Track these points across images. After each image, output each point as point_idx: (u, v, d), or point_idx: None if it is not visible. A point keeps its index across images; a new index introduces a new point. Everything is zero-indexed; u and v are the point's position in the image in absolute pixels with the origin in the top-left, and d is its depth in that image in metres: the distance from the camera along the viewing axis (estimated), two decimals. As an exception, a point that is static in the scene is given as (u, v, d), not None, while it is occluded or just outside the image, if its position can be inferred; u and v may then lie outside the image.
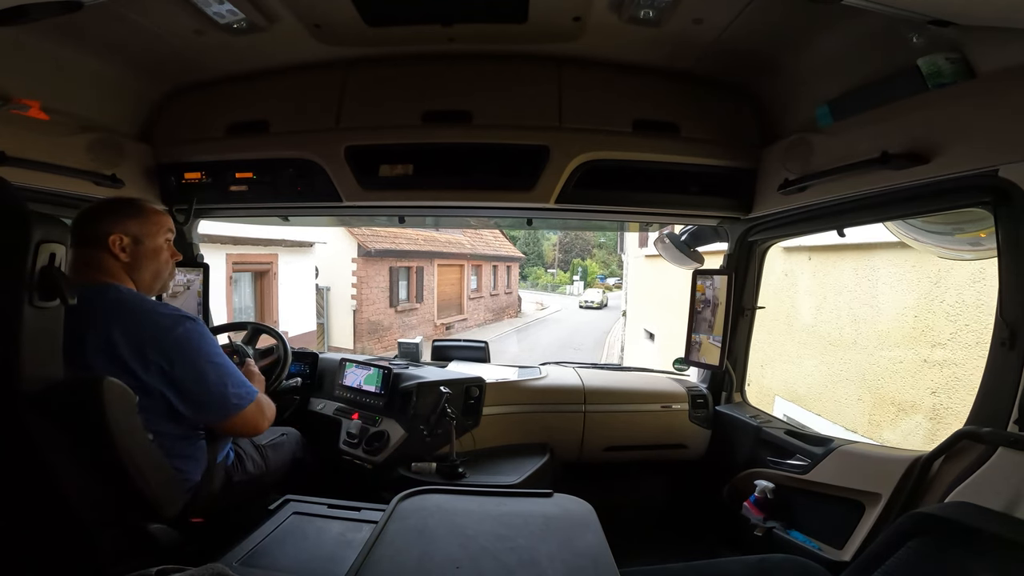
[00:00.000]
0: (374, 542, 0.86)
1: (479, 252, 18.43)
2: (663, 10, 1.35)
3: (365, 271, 12.19)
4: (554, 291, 36.72)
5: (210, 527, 1.21)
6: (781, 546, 1.55)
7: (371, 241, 12.21)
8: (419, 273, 14.61)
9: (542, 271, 42.08)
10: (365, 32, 1.53)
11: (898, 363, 2.94)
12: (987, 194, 1.09)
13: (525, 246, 37.09)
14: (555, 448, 2.04)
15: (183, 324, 1.12)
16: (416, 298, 14.55)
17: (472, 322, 17.62)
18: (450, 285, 16.59)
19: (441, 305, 15.90)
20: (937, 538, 0.92)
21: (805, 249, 3.84)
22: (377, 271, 12.72)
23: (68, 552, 0.95)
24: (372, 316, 12.53)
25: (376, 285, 12.72)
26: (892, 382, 2.98)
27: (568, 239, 42.57)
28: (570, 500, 1.05)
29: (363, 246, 11.98)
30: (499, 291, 20.94)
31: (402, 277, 13.85)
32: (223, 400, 1.17)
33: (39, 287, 0.82)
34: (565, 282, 38.69)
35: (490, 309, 19.74)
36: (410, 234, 14.07)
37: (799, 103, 1.57)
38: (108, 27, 1.41)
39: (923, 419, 2.67)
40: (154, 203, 1.33)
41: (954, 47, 1.09)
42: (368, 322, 12.37)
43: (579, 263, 40.85)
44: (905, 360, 2.90)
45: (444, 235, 15.94)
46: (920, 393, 2.74)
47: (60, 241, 0.84)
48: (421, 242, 14.58)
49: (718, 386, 2.17)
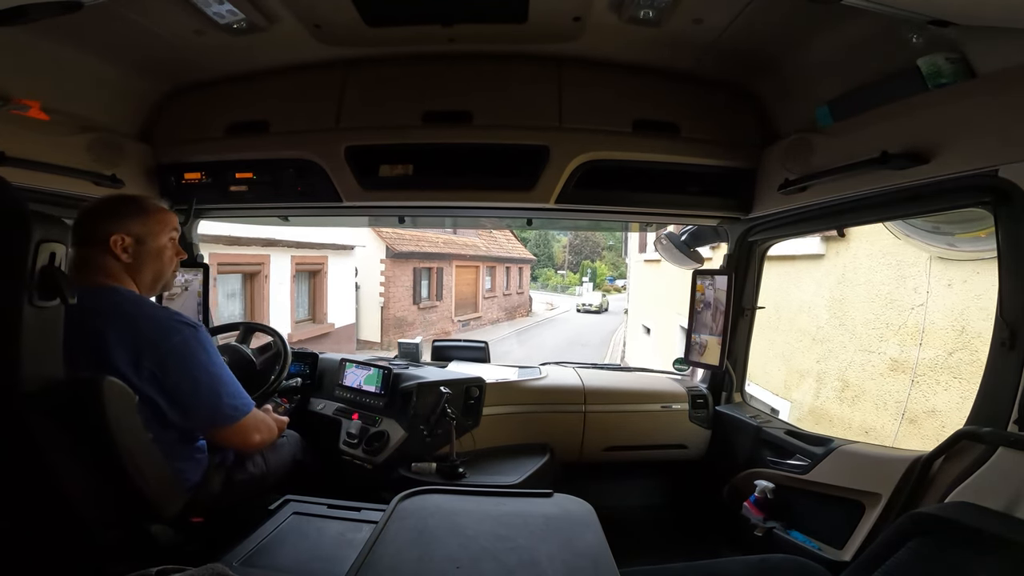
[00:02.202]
0: (374, 542, 0.86)
1: (493, 254, 19.48)
2: (663, 10, 1.35)
3: (392, 271, 13.31)
4: (563, 292, 37.36)
5: (210, 527, 1.20)
6: (781, 546, 1.55)
7: (398, 244, 13.25)
8: (439, 273, 15.69)
9: (552, 272, 42.85)
10: (365, 32, 1.53)
11: (798, 342, 4.06)
12: (987, 194, 1.09)
13: (536, 248, 37.99)
14: (555, 448, 2.04)
15: (182, 332, 1.10)
16: (436, 296, 15.63)
17: (486, 320, 18.61)
18: (466, 285, 17.65)
19: (458, 303, 16.91)
20: (937, 538, 0.92)
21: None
22: (402, 271, 13.78)
23: (68, 552, 0.95)
24: (398, 312, 13.56)
25: (401, 284, 13.76)
26: (796, 357, 4.08)
27: (578, 241, 43.11)
28: (570, 500, 1.04)
29: (391, 248, 13.03)
30: (511, 291, 22.18)
31: (424, 277, 14.95)
32: (215, 410, 1.14)
33: (39, 287, 0.81)
34: (575, 283, 39.27)
35: (503, 308, 20.79)
36: (431, 237, 15.08)
37: (799, 103, 1.57)
38: (108, 27, 1.40)
39: (813, 381, 3.86)
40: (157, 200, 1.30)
41: (954, 47, 1.09)
42: (394, 318, 13.38)
43: (588, 265, 41.30)
44: (803, 340, 4.00)
45: (462, 238, 17.02)
46: (810, 363, 3.90)
47: (60, 241, 0.84)
48: (441, 245, 15.64)
49: (718, 386, 2.17)
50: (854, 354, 3.48)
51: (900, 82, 1.20)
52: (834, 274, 3.71)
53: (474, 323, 17.54)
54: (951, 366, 2.72)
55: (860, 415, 3.36)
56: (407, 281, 13.98)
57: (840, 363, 3.61)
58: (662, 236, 2.36)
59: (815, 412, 3.75)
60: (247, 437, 1.22)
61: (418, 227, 13.51)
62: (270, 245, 8.10)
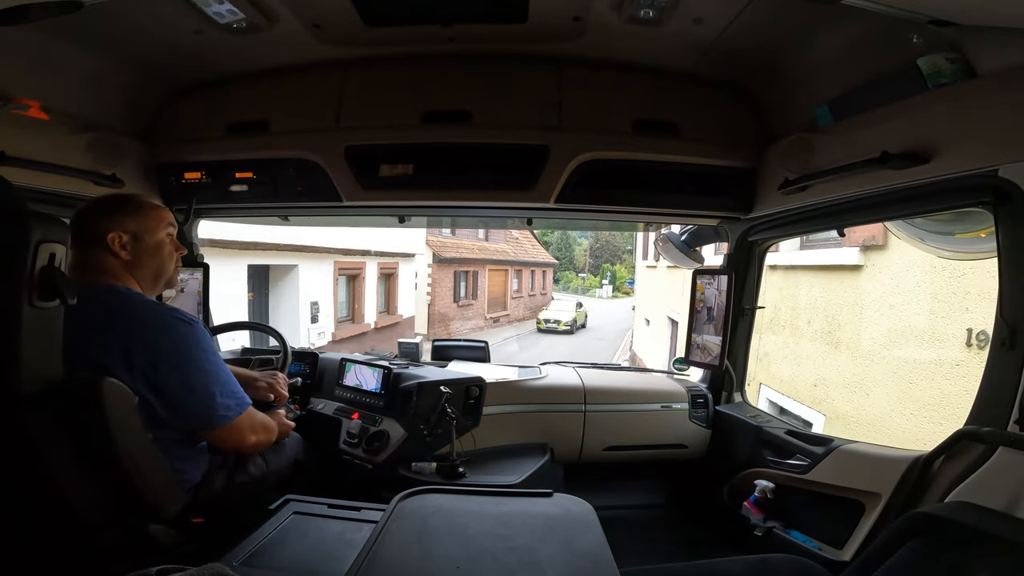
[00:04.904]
0: (374, 542, 0.86)
1: (520, 259, 22.51)
2: (663, 10, 1.35)
3: (437, 274, 15.66)
4: (584, 294, 37.91)
5: (210, 527, 1.20)
6: (781, 546, 1.55)
7: (442, 251, 15.78)
8: (474, 276, 18.31)
9: (573, 275, 44.11)
10: (365, 32, 1.53)
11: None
12: (987, 194, 1.09)
13: (558, 251, 39.68)
14: (555, 448, 2.04)
15: (177, 328, 1.09)
16: (472, 296, 18.21)
17: (513, 317, 21.14)
18: (497, 286, 20.24)
19: (490, 302, 19.38)
20: (937, 538, 0.92)
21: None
22: (445, 274, 16.22)
23: (68, 552, 0.95)
24: (441, 309, 16.02)
25: (444, 285, 16.21)
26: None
27: (599, 244, 44.29)
28: (570, 500, 1.04)
29: (437, 255, 15.43)
30: (536, 292, 24.96)
31: (462, 279, 17.51)
32: (209, 410, 1.12)
33: (39, 287, 0.81)
34: (595, 285, 40.58)
35: (528, 307, 23.43)
36: (468, 244, 17.74)
37: (799, 103, 1.57)
38: (108, 27, 1.40)
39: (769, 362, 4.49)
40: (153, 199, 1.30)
41: (954, 47, 1.09)
42: (438, 313, 15.83)
43: (608, 268, 42.22)
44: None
45: (493, 244, 19.79)
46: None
47: (60, 241, 0.84)
48: (476, 251, 18.21)
49: (718, 386, 2.17)
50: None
51: (900, 82, 1.20)
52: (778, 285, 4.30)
53: (503, 319, 19.89)
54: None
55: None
56: (449, 283, 16.42)
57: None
58: (662, 236, 2.36)
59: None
60: (242, 438, 1.21)
61: (422, 227, 14.17)
62: (365, 255, 10.69)
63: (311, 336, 8.72)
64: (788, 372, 4.42)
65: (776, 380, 4.57)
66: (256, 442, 1.25)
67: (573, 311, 19.82)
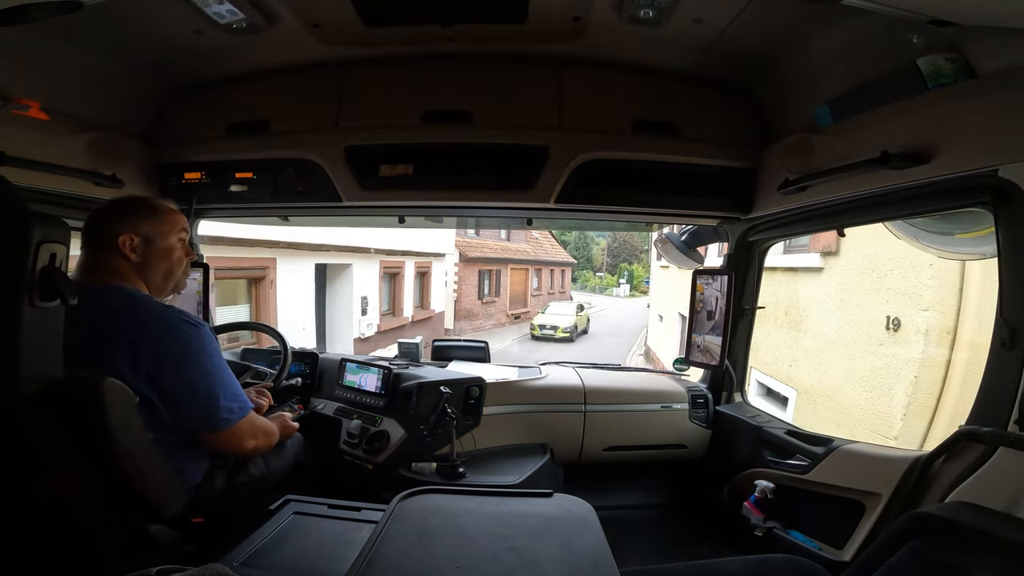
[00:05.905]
0: (375, 542, 0.86)
1: (540, 258, 23.61)
2: (663, 10, 1.35)
3: (463, 272, 16.39)
4: (601, 293, 38.52)
5: (211, 527, 1.20)
6: (781, 546, 1.55)
7: (468, 251, 16.47)
8: (497, 275, 19.25)
9: (591, 274, 44.87)
10: (364, 32, 1.53)
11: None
12: (987, 194, 1.09)
13: (575, 251, 40.22)
14: (555, 448, 2.04)
15: (183, 331, 1.10)
16: (495, 293, 19.14)
17: (533, 314, 21.36)
18: (518, 284, 21.40)
19: (512, 300, 20.47)
20: (937, 538, 0.92)
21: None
22: (470, 273, 16.94)
23: (68, 552, 0.95)
24: (466, 305, 16.83)
25: (470, 283, 17.00)
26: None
27: (616, 244, 44.92)
28: (570, 500, 1.04)
29: (463, 254, 16.09)
30: (555, 291, 26.05)
31: (486, 278, 18.37)
32: (211, 412, 1.13)
33: (39, 287, 0.81)
34: (612, 284, 41.10)
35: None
36: (491, 244, 18.53)
37: (799, 103, 1.57)
38: (108, 27, 1.40)
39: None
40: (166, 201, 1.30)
41: (954, 47, 1.09)
42: (464, 309, 16.63)
43: (625, 267, 42.59)
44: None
45: (514, 244, 20.78)
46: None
47: (60, 241, 0.84)
48: (499, 251, 19.07)
49: (718, 386, 2.17)
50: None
51: (900, 82, 1.20)
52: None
53: (523, 316, 20.82)
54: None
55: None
56: (474, 281, 17.20)
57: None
58: (662, 236, 2.36)
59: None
60: (241, 443, 1.21)
61: (424, 227, 14.34)
62: (405, 255, 11.80)
63: (361, 327, 9.89)
64: (771, 356, 5.17)
65: (761, 363, 5.29)
66: (256, 447, 1.26)
67: (573, 315, 17.41)
